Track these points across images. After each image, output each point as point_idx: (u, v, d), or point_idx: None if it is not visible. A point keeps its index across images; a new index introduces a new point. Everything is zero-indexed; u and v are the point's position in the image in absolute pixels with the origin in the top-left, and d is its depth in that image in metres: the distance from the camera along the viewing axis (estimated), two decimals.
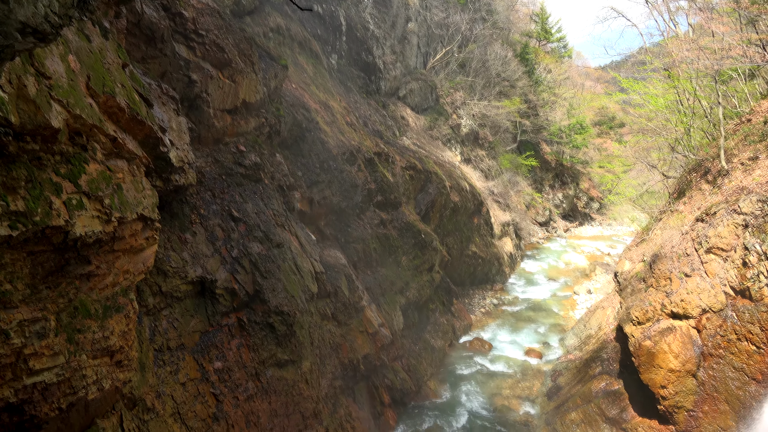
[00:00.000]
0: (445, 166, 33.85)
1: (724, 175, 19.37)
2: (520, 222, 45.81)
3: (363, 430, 16.39)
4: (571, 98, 63.13)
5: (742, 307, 15.17)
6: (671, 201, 23.50)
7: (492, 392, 21.84)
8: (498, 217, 39.72)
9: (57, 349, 6.92)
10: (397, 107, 37.55)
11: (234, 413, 11.63)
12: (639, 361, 16.68)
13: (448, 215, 29.81)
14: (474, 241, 33.37)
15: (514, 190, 48.18)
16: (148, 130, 8.92)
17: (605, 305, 24.59)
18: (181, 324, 10.96)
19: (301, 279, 14.38)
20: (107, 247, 7.59)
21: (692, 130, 25.30)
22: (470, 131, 44.76)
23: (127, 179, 8.03)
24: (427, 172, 27.84)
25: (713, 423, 15.28)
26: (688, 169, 23.69)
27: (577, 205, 59.03)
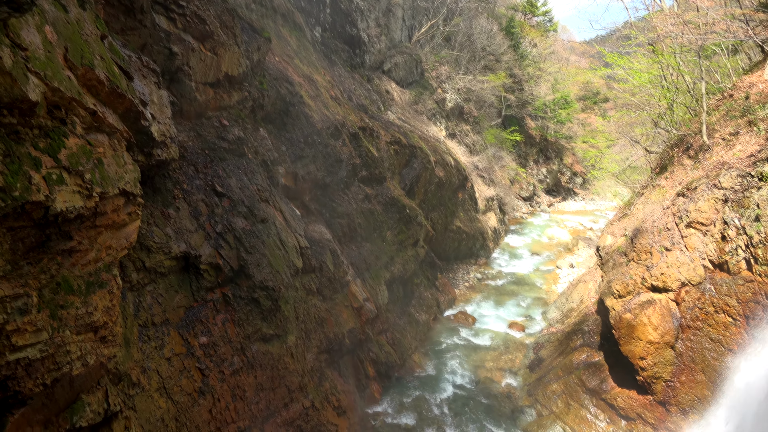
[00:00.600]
0: (430, 140, 33.78)
1: (705, 150, 19.56)
2: (505, 197, 46.04)
3: (348, 402, 16.59)
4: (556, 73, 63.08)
5: (720, 280, 15.47)
6: (653, 176, 23.73)
7: (475, 365, 22.17)
8: (482, 192, 39.86)
9: (40, 325, 6.88)
10: (381, 81, 37.24)
11: (220, 387, 11.71)
12: (619, 334, 17.01)
13: (433, 190, 29.85)
14: (458, 216, 33.51)
15: (499, 165, 48.30)
16: (129, 103, 8.77)
17: (587, 279, 24.94)
18: (166, 299, 10.94)
19: (285, 254, 14.37)
20: (89, 223, 7.51)
21: (675, 105, 25.45)
22: (455, 106, 44.60)
23: (108, 154, 7.92)
24: (412, 147, 27.77)
25: (690, 393, 15.69)
26: (671, 144, 23.89)
27: (560, 180, 59.40)
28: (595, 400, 17.85)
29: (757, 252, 14.41)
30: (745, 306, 14.60)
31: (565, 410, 18.07)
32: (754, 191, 15.28)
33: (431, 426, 17.99)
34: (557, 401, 18.47)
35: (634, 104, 31.01)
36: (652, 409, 16.58)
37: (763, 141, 17.02)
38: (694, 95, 23.65)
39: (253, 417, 12.56)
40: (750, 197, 15.26)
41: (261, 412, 12.83)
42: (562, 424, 17.73)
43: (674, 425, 15.88)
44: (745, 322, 14.60)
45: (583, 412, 17.76)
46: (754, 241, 14.58)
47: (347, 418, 16.12)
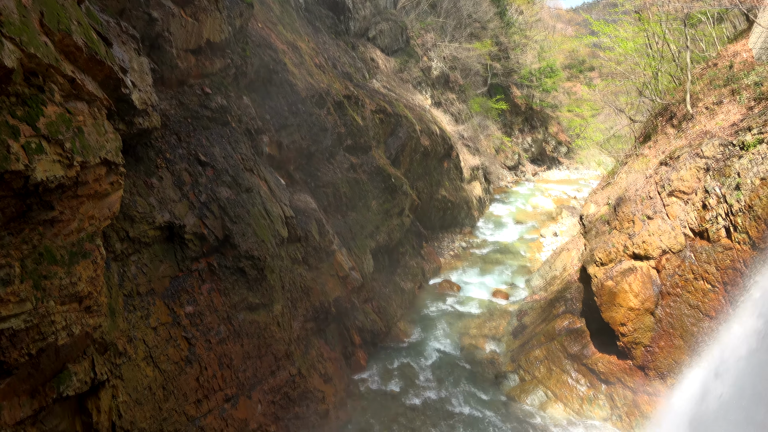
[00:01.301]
0: (415, 109, 33.57)
1: (689, 119, 19.67)
2: (490, 166, 46.10)
3: (334, 369, 16.81)
4: (542, 41, 62.67)
5: (700, 247, 15.74)
6: (637, 145, 23.87)
7: (460, 332, 22.50)
8: (467, 162, 39.88)
9: (23, 296, 6.85)
10: (366, 49, 36.76)
11: (207, 356, 11.78)
12: (601, 301, 17.31)
13: (418, 159, 29.80)
14: (444, 185, 33.56)
15: (484, 134, 48.23)
16: (108, 70, 8.59)
17: (570, 247, 25.24)
18: (150, 269, 10.90)
19: (271, 224, 14.34)
20: (70, 193, 7.42)
21: (660, 74, 25.48)
22: (441, 74, 44.24)
23: (88, 122, 7.78)
24: (398, 116, 27.60)
25: (668, 357, 16.09)
26: (655, 113, 23.99)
27: (545, 149, 59.53)
28: (577, 365, 18.25)
29: (737, 220, 14.64)
30: (724, 273, 14.90)
31: (547, 375, 18.47)
32: (735, 160, 15.45)
33: (416, 392, 18.32)
34: (539, 366, 18.85)
35: (620, 73, 30.99)
36: (631, 373, 17.00)
37: (745, 110, 17.15)
38: (679, 64, 23.67)
39: (240, 385, 12.70)
40: (731, 166, 15.44)
41: (248, 379, 12.97)
42: (544, 389, 18.14)
43: (652, 389, 16.32)
44: (723, 289, 14.92)
45: (565, 377, 18.17)
46: (733, 210, 14.80)
47: (333, 385, 16.35)
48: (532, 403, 17.88)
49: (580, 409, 17.37)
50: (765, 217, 13.88)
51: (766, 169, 14.30)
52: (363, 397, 17.87)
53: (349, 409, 16.86)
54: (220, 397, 12.05)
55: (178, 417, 10.90)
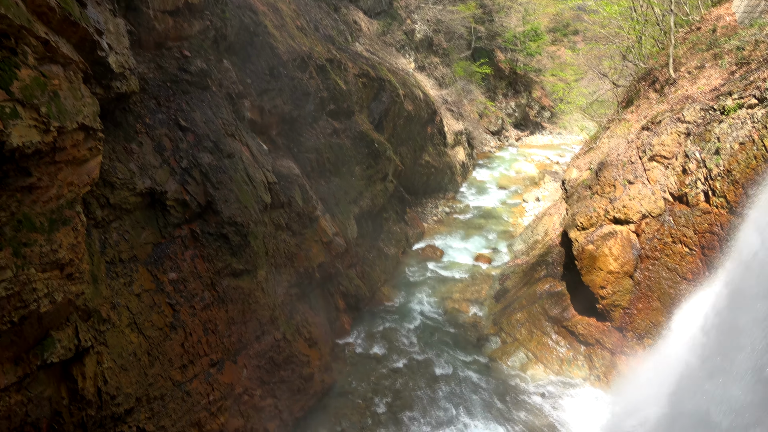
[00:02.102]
0: (398, 73, 33.20)
1: (671, 83, 19.72)
2: (473, 131, 45.96)
3: (319, 334, 16.98)
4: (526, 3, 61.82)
5: (679, 211, 15.98)
6: (619, 110, 23.93)
7: (443, 296, 22.78)
8: (451, 126, 39.72)
9: (3, 263, 6.78)
10: (349, 11, 36.06)
11: (191, 322, 11.82)
12: (581, 264, 17.58)
13: (402, 124, 29.61)
14: (427, 150, 33.47)
15: (468, 99, 47.94)
16: (83, 32, 8.35)
17: (552, 212, 25.48)
18: (132, 236, 10.82)
19: (253, 189, 14.24)
20: (48, 159, 7.29)
21: (644, 38, 25.41)
22: (424, 37, 43.63)
23: (64, 86, 7.60)
24: (381, 80, 27.29)
25: (646, 319, 16.48)
26: (638, 77, 23.99)
27: (529, 114, 59.38)
28: (557, 328, 18.63)
29: (715, 184, 14.85)
30: (701, 236, 15.18)
31: (528, 337, 18.85)
32: (715, 125, 15.58)
33: (400, 355, 18.62)
34: (521, 329, 19.21)
35: (604, 36, 30.85)
36: (609, 334, 17.41)
37: (727, 75, 17.22)
38: (662, 28, 23.60)
39: (226, 350, 12.79)
40: (711, 131, 15.58)
41: (233, 345, 13.06)
42: (525, 351, 18.53)
43: (630, 349, 16.75)
44: (701, 252, 15.22)
45: (545, 339, 18.56)
46: (712, 174, 14.99)
47: (318, 349, 16.54)
48: (513, 364, 18.28)
49: (560, 369, 17.80)
50: (743, 181, 14.09)
51: (745, 134, 14.46)
52: (348, 360, 18.12)
53: (334, 373, 17.12)
54: (206, 362, 12.14)
55: (163, 382, 10.98)
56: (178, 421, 11.24)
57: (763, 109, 14.28)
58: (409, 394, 16.71)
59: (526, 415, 16.07)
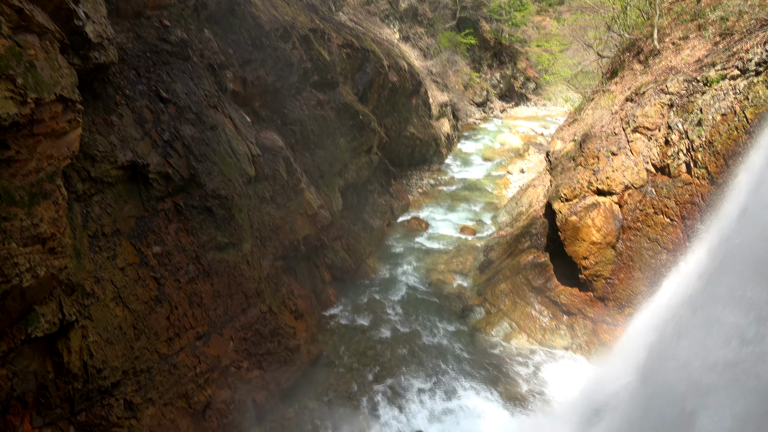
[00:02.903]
0: (383, 44, 32.83)
1: (655, 55, 19.73)
2: (458, 102, 45.79)
3: (305, 306, 17.07)
4: None
5: (661, 183, 16.14)
6: (604, 81, 23.93)
7: (428, 268, 22.94)
8: (436, 98, 39.52)
9: None
10: None
11: (177, 295, 11.80)
12: (565, 235, 17.76)
13: (387, 96, 29.40)
14: (412, 122, 33.33)
15: (453, 70, 47.64)
16: (59, 0, 8.12)
17: (536, 184, 25.62)
18: (115, 210, 10.71)
19: (237, 162, 14.12)
20: (26, 131, 7.16)
21: (629, 8, 25.26)
22: (409, 7, 43.08)
23: (41, 56, 7.42)
24: (365, 51, 26.97)
25: (627, 288, 16.76)
26: (622, 48, 23.95)
27: (513, 85, 59.20)
28: (540, 298, 18.89)
29: (697, 156, 15.00)
30: (683, 207, 15.38)
31: (512, 308, 19.11)
32: (698, 96, 15.66)
33: (385, 326, 18.80)
34: (505, 300, 19.46)
35: (589, 6, 30.61)
36: (591, 304, 17.70)
37: (710, 45, 17.26)
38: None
39: (212, 323, 12.82)
40: (694, 102, 15.66)
41: (219, 317, 13.09)
42: (509, 321, 18.80)
43: (611, 318, 17.07)
44: (682, 223, 15.44)
45: (529, 309, 18.83)
46: (694, 145, 15.13)
47: (304, 320, 16.64)
48: (497, 334, 18.55)
49: (543, 339, 18.11)
50: (724, 152, 14.24)
51: (727, 105, 14.56)
52: (334, 331, 18.27)
53: (321, 344, 17.27)
54: (192, 335, 12.17)
55: (150, 355, 11.00)
56: (165, 393, 11.30)
57: (745, 81, 14.36)
58: (394, 364, 16.93)
59: (509, 383, 16.38)
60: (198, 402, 12.10)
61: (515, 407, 15.54)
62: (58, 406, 9.32)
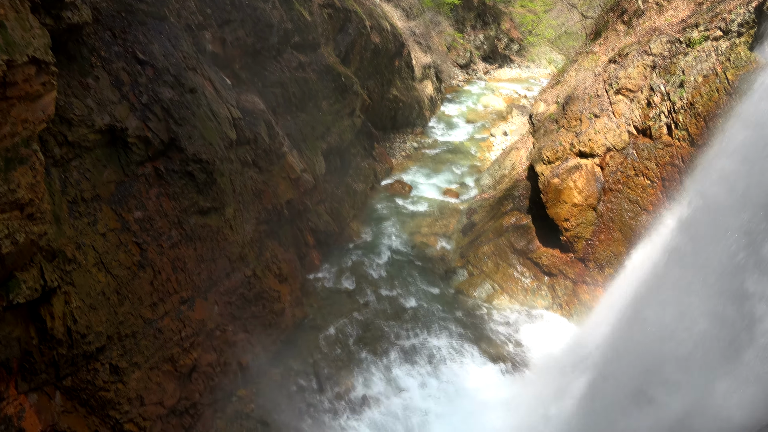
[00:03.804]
0: (365, 4, 32.16)
1: (639, 15, 19.61)
2: (441, 64, 45.30)
3: (289, 270, 17.13)
4: None
5: (643, 144, 16.27)
6: (587, 42, 23.81)
7: (411, 231, 23.06)
8: (419, 60, 39.04)
9: None
10: None
11: (159, 260, 11.76)
12: (547, 198, 17.91)
13: (369, 57, 28.97)
14: (395, 84, 32.98)
15: (436, 31, 46.98)
16: None
17: (519, 146, 25.66)
18: (94, 175, 10.55)
19: (218, 125, 13.92)
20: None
21: None
22: None
23: (11, 16, 7.18)
24: (347, 11, 26.44)
25: (607, 249, 17.03)
26: (607, 8, 23.77)
27: (497, 46, 58.61)
28: (522, 260, 19.14)
29: (678, 117, 15.09)
30: (663, 169, 15.55)
31: (495, 269, 19.36)
32: (681, 57, 15.67)
33: (369, 288, 18.97)
34: (487, 262, 19.69)
35: None
36: (572, 265, 17.99)
37: (694, 6, 17.19)
38: None
39: (196, 287, 12.83)
40: (677, 63, 15.68)
41: (203, 282, 13.10)
42: (492, 282, 19.07)
43: (591, 279, 17.39)
44: (662, 184, 15.63)
45: (511, 271, 19.09)
46: (676, 107, 15.21)
47: (289, 284, 16.72)
48: (479, 295, 18.84)
49: (524, 299, 18.44)
50: (704, 114, 14.34)
51: (709, 67, 14.60)
52: (318, 295, 18.41)
53: (305, 307, 17.41)
54: (176, 299, 12.19)
55: (134, 320, 11.02)
56: (150, 357, 11.37)
57: (728, 42, 14.38)
58: (379, 326, 17.16)
59: (491, 342, 16.73)
60: (184, 365, 12.20)
61: (497, 365, 15.91)
62: (43, 371, 9.35)
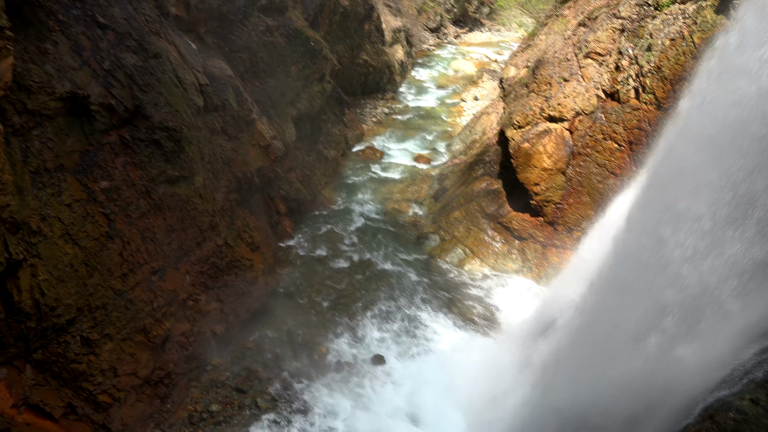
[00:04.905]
0: None
1: None
2: (411, 28, 44.75)
3: (261, 238, 17.05)
4: None
5: (611, 108, 16.43)
6: (557, 5, 23.70)
7: (384, 197, 23.08)
8: (389, 23, 38.48)
9: None
10: None
11: (128, 231, 11.58)
12: (517, 162, 18.05)
13: (338, 21, 28.43)
14: (365, 48, 32.52)
15: None
16: None
17: (490, 111, 25.68)
18: (57, 144, 10.25)
19: (184, 92, 13.60)
20: None
21: None
22: None
23: None
24: None
25: (576, 213, 17.33)
26: None
27: (467, 9, 58.04)
28: (493, 224, 19.37)
29: (645, 81, 15.25)
30: (630, 133, 15.77)
31: (466, 234, 19.56)
32: (649, 21, 15.75)
33: (342, 255, 19.03)
34: (459, 227, 19.88)
35: None
36: (542, 228, 18.28)
37: None
38: None
39: (166, 257, 12.70)
40: (645, 27, 15.76)
41: (174, 252, 12.97)
42: (463, 247, 19.29)
43: (560, 241, 17.71)
44: (629, 148, 15.87)
45: (482, 235, 19.32)
46: (644, 71, 15.35)
47: (261, 253, 16.66)
48: (451, 260, 19.06)
49: (495, 263, 18.72)
50: (671, 77, 14.52)
51: (676, 30, 14.72)
52: (291, 263, 18.40)
53: (279, 275, 17.41)
54: (147, 270, 12.06)
55: (104, 291, 10.89)
56: (122, 328, 11.29)
57: (695, 5, 14.48)
58: (352, 292, 17.28)
59: (463, 306, 17.02)
60: (157, 336, 12.15)
61: (469, 328, 16.23)
62: (12, 345, 9.23)
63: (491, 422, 12.70)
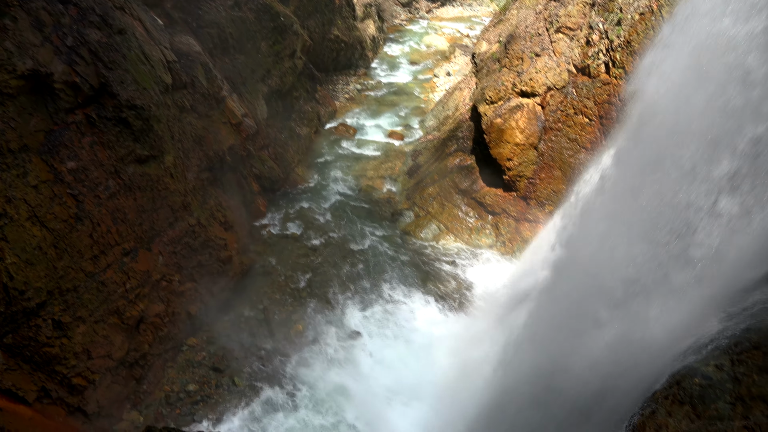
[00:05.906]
0: None
1: None
2: (383, 3, 44.28)
3: (234, 217, 16.91)
4: None
5: (582, 83, 16.56)
6: None
7: (357, 174, 23.03)
8: None
9: None
10: None
11: (98, 212, 11.37)
12: (490, 138, 18.14)
13: None
14: (336, 23, 32.09)
15: None
16: None
17: (463, 87, 25.67)
18: (20, 124, 9.95)
19: (152, 69, 13.28)
20: None
21: None
22: None
23: None
24: None
25: (548, 187, 17.54)
26: None
27: None
28: (467, 200, 19.51)
29: (615, 56, 15.38)
30: (600, 107, 15.94)
31: (440, 210, 19.68)
32: None
33: (317, 233, 19.00)
34: (433, 203, 19.97)
35: None
36: (515, 203, 18.48)
37: None
38: None
39: (138, 238, 12.53)
40: (615, 1, 15.84)
41: (145, 233, 12.80)
42: (437, 223, 19.42)
43: (532, 216, 17.95)
44: (599, 122, 16.06)
45: (456, 211, 19.46)
46: (614, 45, 15.47)
47: (235, 232, 16.54)
48: (425, 236, 19.18)
49: (469, 238, 18.90)
50: (640, 51, 14.65)
51: (645, 4, 14.83)
52: (265, 241, 18.32)
53: (252, 254, 17.32)
54: (118, 251, 11.89)
55: (75, 274, 10.72)
56: (95, 311, 11.16)
57: None
58: (327, 269, 17.31)
59: (438, 281, 17.19)
60: (131, 317, 12.04)
61: (444, 303, 16.42)
62: None
63: (462, 391, 12.99)
